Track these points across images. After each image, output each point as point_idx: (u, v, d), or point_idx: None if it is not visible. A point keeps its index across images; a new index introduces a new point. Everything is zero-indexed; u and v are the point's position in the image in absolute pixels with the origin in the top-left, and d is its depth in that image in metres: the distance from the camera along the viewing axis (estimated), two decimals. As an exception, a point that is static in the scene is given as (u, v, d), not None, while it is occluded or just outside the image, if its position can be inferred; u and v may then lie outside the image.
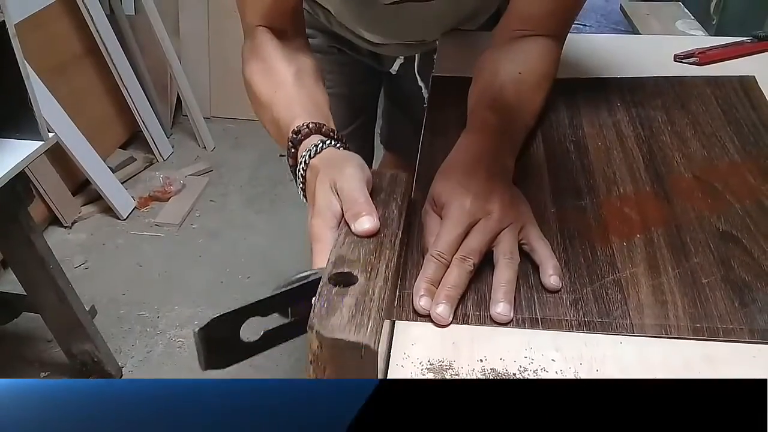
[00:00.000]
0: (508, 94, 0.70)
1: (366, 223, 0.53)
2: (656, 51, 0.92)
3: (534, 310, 0.54)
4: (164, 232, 2.17)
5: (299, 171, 0.62)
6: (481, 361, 0.50)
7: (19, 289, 1.53)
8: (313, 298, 0.47)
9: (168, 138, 2.56)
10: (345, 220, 0.54)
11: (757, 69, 0.85)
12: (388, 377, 0.49)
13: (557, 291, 0.55)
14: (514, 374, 0.49)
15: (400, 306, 0.54)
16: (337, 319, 0.45)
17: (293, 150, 0.64)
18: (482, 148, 0.63)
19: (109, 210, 2.21)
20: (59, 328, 1.56)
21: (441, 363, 0.50)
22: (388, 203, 0.57)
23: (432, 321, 0.53)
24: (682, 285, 0.56)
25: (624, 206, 0.65)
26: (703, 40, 0.94)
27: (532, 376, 0.49)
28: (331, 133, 0.64)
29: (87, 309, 1.55)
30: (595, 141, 0.74)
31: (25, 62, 1.20)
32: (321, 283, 0.48)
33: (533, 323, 0.53)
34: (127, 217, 2.22)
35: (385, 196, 0.58)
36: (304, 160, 0.61)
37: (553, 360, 0.50)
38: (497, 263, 0.56)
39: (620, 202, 0.65)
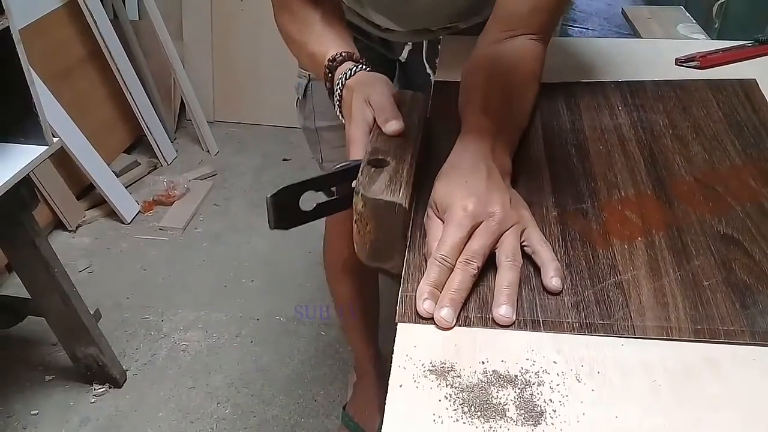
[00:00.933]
0: (498, 96, 0.70)
1: (394, 125, 0.65)
2: (657, 55, 0.92)
3: (535, 312, 0.54)
4: (168, 236, 2.18)
5: (337, 91, 0.75)
6: (483, 363, 0.50)
7: (24, 293, 1.53)
8: (356, 178, 0.61)
9: (172, 142, 2.57)
10: (377, 125, 0.67)
11: (758, 72, 0.86)
12: (390, 379, 0.49)
13: (558, 293, 0.56)
14: (516, 376, 0.49)
15: (402, 308, 0.55)
16: (377, 185, 0.59)
17: (330, 75, 0.76)
18: (479, 151, 0.63)
19: (113, 214, 2.22)
20: (64, 331, 1.56)
21: (443, 365, 0.50)
22: (410, 113, 0.69)
23: (435, 324, 0.53)
24: (683, 287, 0.56)
25: (625, 209, 0.65)
26: (705, 44, 0.95)
27: (533, 378, 0.49)
28: (360, 60, 0.76)
29: (91, 312, 1.55)
30: (597, 144, 0.74)
31: (30, 68, 1.21)
32: (362, 165, 0.62)
33: (535, 325, 0.53)
34: (131, 221, 2.22)
35: (407, 108, 0.70)
36: (341, 81, 0.74)
37: (554, 362, 0.51)
38: (500, 265, 0.57)
39: (621, 205, 0.65)
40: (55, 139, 1.30)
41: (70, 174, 2.13)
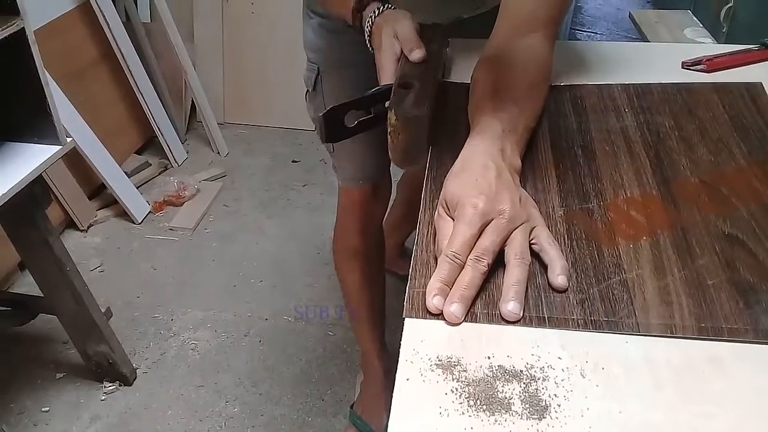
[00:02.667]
0: (507, 97, 0.71)
1: (418, 53, 0.78)
2: (664, 58, 0.93)
3: (541, 309, 0.55)
4: (178, 236, 2.20)
5: (366, 28, 0.86)
6: (489, 358, 0.51)
7: (36, 291, 1.55)
8: (389, 99, 0.72)
9: (182, 143, 2.59)
10: (403, 54, 0.79)
11: (764, 76, 0.86)
12: (397, 372, 0.50)
13: (564, 290, 0.57)
14: (521, 371, 0.50)
15: (410, 304, 0.56)
16: (406, 103, 0.70)
17: (359, 14, 0.87)
18: (489, 150, 0.64)
19: (124, 214, 2.24)
20: (75, 329, 1.58)
21: (449, 359, 0.51)
22: (431, 42, 0.81)
23: (442, 319, 0.54)
24: (687, 286, 0.57)
25: (631, 209, 0.66)
26: (711, 48, 0.95)
27: (538, 374, 0.50)
28: (384, 1, 0.87)
29: (102, 311, 1.57)
30: (603, 145, 0.75)
31: (44, 69, 1.23)
32: (393, 88, 0.73)
33: (540, 322, 0.54)
34: (141, 221, 2.25)
35: (428, 39, 0.81)
36: (370, 19, 0.85)
37: (559, 358, 0.51)
38: (508, 263, 0.58)
39: (627, 205, 0.66)
40: (68, 140, 1.32)
41: (82, 174, 2.15)
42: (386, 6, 0.85)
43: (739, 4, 1.68)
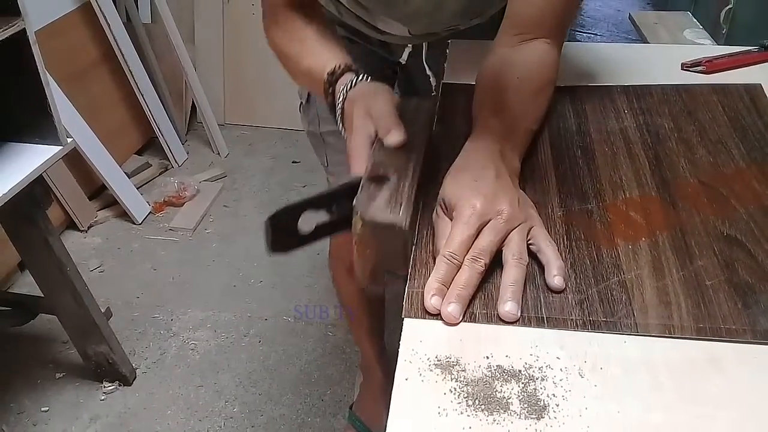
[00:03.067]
0: (509, 101, 0.71)
1: (395, 136, 0.63)
2: (663, 59, 0.93)
3: (540, 309, 0.56)
4: (178, 237, 2.20)
5: (338, 104, 0.72)
6: (488, 358, 0.51)
7: (37, 291, 1.55)
8: (356, 194, 0.58)
9: (183, 144, 2.59)
10: (378, 139, 0.65)
11: (763, 77, 0.86)
12: (395, 372, 0.51)
13: (561, 291, 0.57)
14: (520, 371, 0.50)
15: (409, 304, 0.56)
16: (376, 204, 0.57)
17: (331, 89, 0.74)
18: (488, 152, 0.65)
19: (124, 215, 2.24)
20: (75, 329, 1.58)
21: (448, 359, 0.51)
22: (413, 122, 0.66)
23: (441, 319, 0.54)
24: (686, 287, 0.57)
25: (630, 210, 0.66)
26: (710, 49, 0.95)
27: (537, 373, 0.50)
28: (359, 71, 0.74)
29: (102, 311, 1.57)
30: (602, 147, 0.75)
31: (45, 69, 1.23)
32: (362, 181, 0.59)
33: (539, 322, 0.54)
34: (142, 222, 2.25)
35: (410, 117, 0.67)
36: (342, 94, 0.71)
37: (558, 358, 0.52)
38: (506, 263, 0.58)
39: (626, 206, 0.66)
40: (68, 140, 1.32)
41: (82, 175, 2.16)
42: (362, 77, 0.72)
43: (739, 5, 1.68)
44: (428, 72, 1.06)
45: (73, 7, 2.17)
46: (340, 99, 0.72)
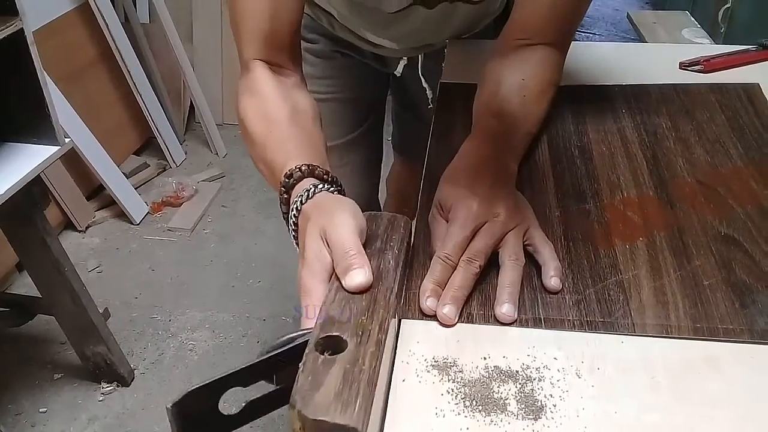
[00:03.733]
0: (511, 103, 0.71)
1: (357, 276, 0.49)
2: (661, 59, 0.93)
3: (537, 310, 0.55)
4: (176, 237, 2.20)
5: (291, 218, 0.58)
6: (485, 358, 0.51)
7: (35, 292, 1.55)
8: (300, 360, 0.43)
9: (181, 144, 2.59)
10: (336, 277, 0.50)
11: (761, 77, 0.86)
12: (393, 374, 0.50)
13: (557, 292, 0.57)
14: (517, 371, 0.50)
15: (406, 305, 0.56)
16: (322, 395, 0.40)
17: (286, 196, 0.60)
18: (486, 154, 0.64)
19: (122, 215, 2.24)
20: (73, 330, 1.58)
21: (445, 360, 0.51)
22: (384, 252, 0.53)
23: (437, 320, 0.54)
24: (683, 286, 0.57)
25: (627, 210, 0.66)
26: (708, 48, 0.95)
27: (534, 374, 0.50)
28: (324, 176, 0.60)
29: (100, 312, 1.57)
30: (600, 146, 0.75)
31: (43, 69, 1.23)
32: (306, 351, 0.43)
33: (536, 323, 0.54)
34: (140, 222, 2.24)
35: (381, 244, 0.54)
36: (296, 206, 0.58)
37: (555, 358, 0.51)
38: (503, 264, 0.58)
39: (624, 206, 0.66)
40: (66, 140, 1.32)
41: (80, 175, 2.15)
42: (323, 186, 0.58)
43: (737, 4, 1.68)
44: (424, 84, 1.06)
45: (71, 7, 2.16)
46: (294, 211, 0.58)
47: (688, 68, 0.89)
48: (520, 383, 0.50)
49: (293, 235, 0.59)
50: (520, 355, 0.52)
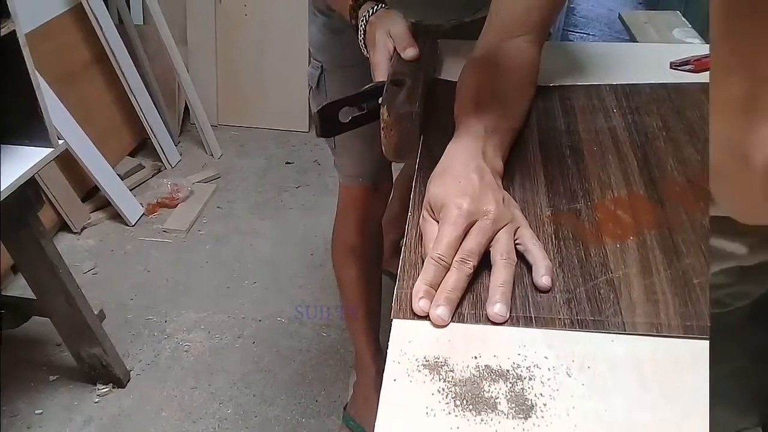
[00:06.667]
0: (491, 98, 0.71)
1: (411, 51, 0.81)
2: (652, 58, 0.93)
3: (528, 309, 0.56)
4: (172, 238, 2.20)
5: (361, 26, 0.89)
6: (476, 358, 0.52)
7: (29, 294, 1.55)
8: (382, 95, 0.74)
9: (176, 146, 2.59)
10: (396, 52, 0.83)
11: (751, 75, 0.87)
12: (384, 373, 0.51)
13: (548, 291, 0.57)
14: (507, 371, 0.51)
15: (398, 305, 0.56)
16: (398, 99, 0.73)
17: (355, 13, 0.91)
18: (471, 152, 0.65)
19: (117, 216, 2.24)
20: (68, 332, 1.58)
21: (436, 360, 0.51)
22: (423, 42, 0.84)
23: (429, 320, 0.55)
24: (673, 285, 0.57)
25: (618, 209, 0.66)
26: (699, 48, 0.96)
27: (525, 373, 0.50)
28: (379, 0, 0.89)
29: (96, 313, 1.57)
30: (591, 146, 0.76)
31: (36, 71, 1.23)
32: (386, 85, 0.76)
33: (527, 322, 0.55)
34: (135, 224, 2.24)
35: (420, 38, 0.84)
36: (365, 18, 0.88)
37: (545, 357, 0.52)
38: (495, 264, 0.58)
39: (614, 205, 0.67)
40: (60, 142, 1.32)
41: (75, 176, 2.15)
42: (380, 6, 0.88)
43: (729, 4, 1.68)
44: None
45: (64, 8, 2.16)
46: (363, 21, 0.88)
47: (679, 68, 0.90)
48: (510, 382, 0.50)
49: (362, 40, 0.90)
50: (511, 354, 0.52)
